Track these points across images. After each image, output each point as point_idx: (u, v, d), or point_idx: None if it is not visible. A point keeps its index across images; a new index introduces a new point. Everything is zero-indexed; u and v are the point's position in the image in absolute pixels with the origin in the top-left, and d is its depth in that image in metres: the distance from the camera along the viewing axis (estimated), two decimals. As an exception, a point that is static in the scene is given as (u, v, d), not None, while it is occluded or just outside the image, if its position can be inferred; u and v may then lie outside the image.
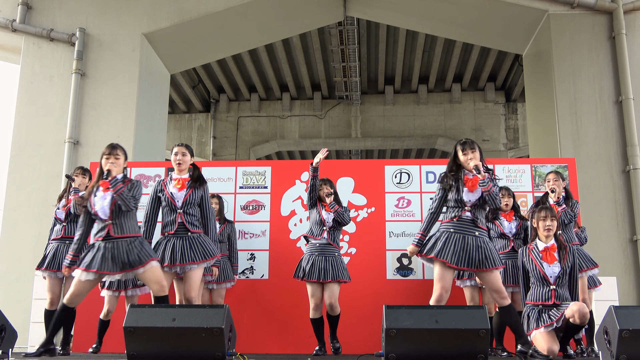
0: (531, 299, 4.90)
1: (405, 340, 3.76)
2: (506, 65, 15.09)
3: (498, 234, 5.80)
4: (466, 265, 4.45)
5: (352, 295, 6.31)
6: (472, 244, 4.47)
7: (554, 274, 4.85)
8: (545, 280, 4.84)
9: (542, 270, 4.85)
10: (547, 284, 4.84)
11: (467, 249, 4.45)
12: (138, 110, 9.68)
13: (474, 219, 4.54)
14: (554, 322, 4.66)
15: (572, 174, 6.77)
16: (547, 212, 4.99)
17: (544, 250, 4.93)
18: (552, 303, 4.78)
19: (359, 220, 6.71)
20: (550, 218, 4.96)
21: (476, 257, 4.45)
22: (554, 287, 4.81)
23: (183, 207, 5.03)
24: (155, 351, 3.85)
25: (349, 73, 14.46)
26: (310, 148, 17.25)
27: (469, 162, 4.59)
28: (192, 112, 17.11)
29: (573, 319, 4.56)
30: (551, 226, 4.95)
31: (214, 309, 3.93)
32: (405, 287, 6.50)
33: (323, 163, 5.99)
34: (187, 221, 5.02)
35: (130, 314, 3.93)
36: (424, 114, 16.29)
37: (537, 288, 4.88)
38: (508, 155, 15.67)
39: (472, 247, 4.46)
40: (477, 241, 4.49)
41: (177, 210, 5.02)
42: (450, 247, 4.45)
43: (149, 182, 6.98)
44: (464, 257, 4.43)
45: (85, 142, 9.50)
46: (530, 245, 5.06)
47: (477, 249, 4.47)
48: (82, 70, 9.72)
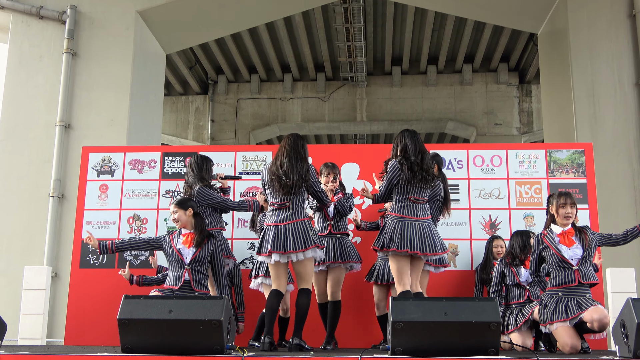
0: (553, 284, 4.90)
1: (413, 334, 3.77)
2: (520, 45, 15.00)
3: (513, 283, 5.63)
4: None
5: (357, 286, 6.32)
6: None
7: (575, 256, 4.85)
8: (565, 262, 4.85)
9: (560, 254, 4.86)
10: (569, 266, 4.84)
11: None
12: (132, 92, 9.66)
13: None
14: (567, 320, 4.68)
15: (589, 160, 6.75)
16: (567, 198, 4.99)
17: (561, 234, 4.93)
18: (576, 284, 4.80)
19: (364, 208, 6.70)
20: (570, 205, 4.96)
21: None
22: (576, 268, 4.82)
23: (191, 264, 5.09)
24: (151, 344, 3.86)
25: (354, 53, 14.39)
26: (314, 132, 17.22)
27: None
28: (189, 94, 17.08)
29: (590, 325, 4.60)
30: (570, 213, 4.96)
31: (213, 300, 3.94)
32: (412, 278, 6.49)
33: (326, 148, 6.00)
34: (195, 279, 5.08)
35: (125, 306, 3.93)
36: (433, 97, 16.23)
37: (559, 272, 4.88)
38: (521, 140, 15.63)
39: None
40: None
41: (185, 267, 5.08)
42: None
43: (144, 167, 6.98)
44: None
45: (77, 125, 9.49)
46: (545, 231, 5.06)
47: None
48: (73, 49, 9.69)
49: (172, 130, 16.65)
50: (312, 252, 4.91)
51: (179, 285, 5.04)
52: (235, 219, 6.73)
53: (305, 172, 4.95)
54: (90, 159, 7.04)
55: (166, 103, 16.03)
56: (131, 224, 6.83)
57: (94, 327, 6.40)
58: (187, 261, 5.08)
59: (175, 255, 5.11)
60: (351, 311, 6.22)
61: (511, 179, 6.77)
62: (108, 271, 6.62)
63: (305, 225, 4.93)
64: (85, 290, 6.58)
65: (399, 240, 4.82)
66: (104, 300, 6.42)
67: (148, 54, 10.43)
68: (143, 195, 6.92)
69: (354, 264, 5.75)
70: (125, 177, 6.97)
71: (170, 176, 6.93)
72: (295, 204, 4.96)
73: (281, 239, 4.86)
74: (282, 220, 4.92)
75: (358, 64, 15.02)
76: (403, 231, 4.84)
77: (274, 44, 15.07)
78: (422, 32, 14.49)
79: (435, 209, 5.62)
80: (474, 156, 6.84)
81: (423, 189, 4.97)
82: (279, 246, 4.85)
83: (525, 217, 6.67)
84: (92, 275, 6.64)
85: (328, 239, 5.70)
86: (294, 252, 4.84)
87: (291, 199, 4.95)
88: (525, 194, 6.72)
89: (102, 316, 6.31)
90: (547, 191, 6.62)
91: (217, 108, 16.83)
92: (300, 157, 5.00)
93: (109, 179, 6.98)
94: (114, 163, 7.03)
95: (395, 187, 4.97)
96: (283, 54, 15.64)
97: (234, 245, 6.61)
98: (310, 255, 4.90)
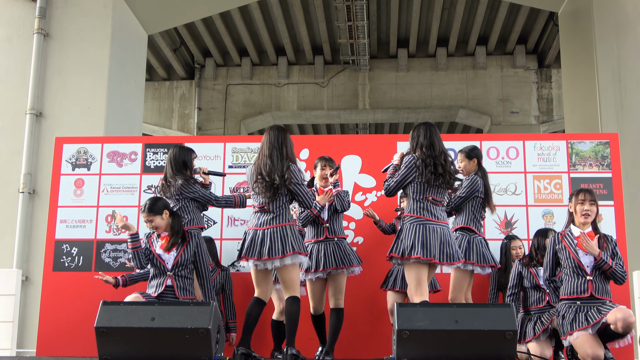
0: (565, 292, 4.96)
1: (420, 343, 3.78)
2: (539, 25, 14.99)
3: (532, 285, 5.62)
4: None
5: (359, 291, 6.33)
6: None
7: (590, 263, 4.90)
8: (580, 269, 4.90)
9: (577, 258, 4.91)
10: (583, 274, 4.89)
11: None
12: (111, 77, 9.64)
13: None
14: (589, 327, 4.71)
15: (615, 152, 6.76)
16: (586, 194, 5.04)
17: (579, 236, 4.96)
18: (588, 295, 4.83)
19: (367, 205, 6.71)
20: (590, 202, 5.01)
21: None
22: (590, 278, 4.87)
23: (174, 269, 5.11)
24: (131, 355, 3.87)
25: (355, 34, 14.38)
26: (311, 121, 17.21)
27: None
28: (173, 80, 17.05)
29: (614, 327, 4.62)
30: (590, 211, 5.00)
31: (199, 307, 3.95)
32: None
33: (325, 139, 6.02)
34: (178, 286, 5.09)
35: (103, 313, 3.94)
36: (443, 82, 16.23)
37: (572, 279, 4.94)
38: (540, 130, 15.64)
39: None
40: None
41: (167, 273, 5.10)
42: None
43: (124, 160, 6.97)
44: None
45: (49, 113, 9.48)
46: (564, 231, 5.11)
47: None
48: (45, 30, 9.66)
49: (154, 120, 16.63)
50: (292, 259, 4.92)
51: (158, 293, 5.04)
52: (225, 217, 6.73)
53: (285, 171, 4.96)
54: (64, 150, 7.02)
55: (148, 89, 16.01)
56: (109, 222, 6.82)
57: (68, 336, 6.40)
58: (169, 267, 5.07)
59: (156, 260, 5.12)
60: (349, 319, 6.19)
61: (529, 173, 6.78)
62: (84, 274, 6.62)
63: (286, 230, 4.95)
64: (59, 296, 6.57)
65: (421, 247, 4.72)
66: (80, 307, 6.41)
67: (128, 34, 10.40)
68: (123, 190, 6.91)
69: (355, 267, 5.76)
70: (102, 170, 6.97)
71: (153, 170, 6.92)
72: (276, 207, 4.99)
73: (257, 244, 4.93)
74: (261, 225, 4.99)
75: (360, 46, 15.01)
76: (425, 236, 4.77)
77: (267, 24, 15.04)
78: (431, 10, 14.47)
79: (477, 206, 5.65)
80: (488, 148, 6.84)
81: (444, 190, 4.96)
82: (254, 252, 4.92)
83: (544, 214, 6.68)
84: (66, 279, 6.64)
85: (325, 244, 5.71)
86: (270, 259, 4.88)
87: (272, 202, 4.98)
88: (544, 189, 6.73)
89: (78, 324, 6.30)
90: (568, 186, 6.63)
91: (205, 95, 16.81)
92: (282, 156, 5.02)
93: (85, 173, 6.97)
94: (91, 155, 7.01)
95: (410, 185, 4.93)
96: (277, 35, 15.61)
97: (223, 246, 6.61)
98: (289, 262, 4.91)
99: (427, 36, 15.82)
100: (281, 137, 5.08)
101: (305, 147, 6.89)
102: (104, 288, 5.97)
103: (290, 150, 5.08)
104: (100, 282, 5.98)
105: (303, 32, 15.19)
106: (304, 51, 16.22)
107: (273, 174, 4.93)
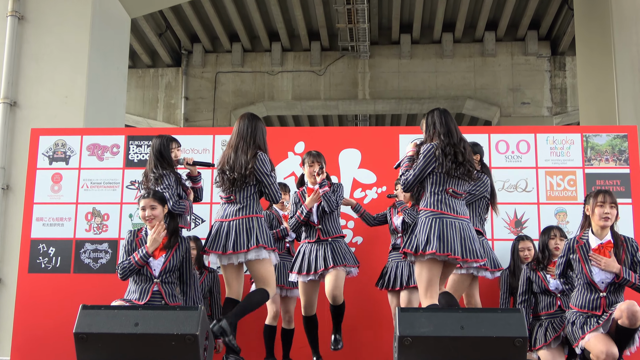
0: (577, 304, 4.96)
1: (423, 351, 3.79)
2: (552, 9, 15.00)
3: (541, 290, 5.63)
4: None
5: (357, 293, 6.34)
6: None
7: (606, 279, 4.87)
8: (592, 286, 4.90)
9: (590, 276, 4.89)
10: (596, 290, 4.89)
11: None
12: (91, 63, 9.62)
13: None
14: (599, 326, 4.73)
15: (633, 145, 6.77)
16: (606, 196, 4.96)
17: (597, 248, 4.93)
18: (601, 313, 4.83)
19: (366, 202, 6.72)
20: (610, 204, 4.94)
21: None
22: (604, 295, 4.87)
23: (161, 276, 5.09)
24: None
25: (355, 18, 14.37)
26: (307, 112, 17.21)
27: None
28: (158, 67, 17.04)
29: (621, 320, 4.63)
30: (610, 214, 4.94)
31: (186, 312, 3.95)
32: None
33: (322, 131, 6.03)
34: (165, 292, 5.08)
35: (82, 317, 3.94)
36: (449, 70, 16.23)
37: (584, 293, 4.93)
38: (553, 122, 15.66)
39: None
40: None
41: (154, 280, 5.07)
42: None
43: (105, 153, 6.97)
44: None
45: (25, 103, 9.45)
46: (580, 238, 5.04)
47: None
48: (20, 12, 9.64)
49: (138, 110, 16.62)
50: (256, 253, 4.92)
51: (145, 300, 5.01)
52: (213, 216, 6.73)
53: (251, 160, 4.97)
54: (40, 143, 7.02)
55: (131, 77, 15.99)
56: (89, 220, 6.83)
57: (45, 343, 6.41)
58: (157, 273, 5.06)
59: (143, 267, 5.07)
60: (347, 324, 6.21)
61: (541, 168, 6.79)
62: (62, 276, 6.63)
63: (252, 223, 4.98)
64: (35, 299, 6.58)
65: (437, 242, 4.55)
66: (57, 311, 6.42)
67: (109, 18, 10.38)
68: (104, 186, 6.92)
69: (352, 268, 5.77)
70: (82, 164, 6.97)
71: (136, 164, 6.93)
72: (243, 197, 5.02)
73: (222, 237, 4.95)
74: (227, 216, 5.03)
75: (360, 31, 15.00)
76: (442, 231, 4.59)
77: (260, 7, 15.03)
78: (436, -7, 14.49)
79: (482, 206, 5.66)
80: (497, 141, 6.86)
81: (463, 181, 4.81)
82: (218, 246, 4.94)
83: (557, 213, 6.70)
84: (43, 281, 6.64)
85: (317, 246, 5.75)
86: (235, 253, 4.91)
87: (239, 192, 5.02)
88: (557, 186, 6.75)
89: (56, 330, 6.31)
90: (583, 183, 6.65)
91: (192, 83, 16.79)
92: (249, 146, 5.04)
93: (63, 167, 6.97)
94: (69, 148, 7.02)
95: (429, 176, 4.78)
96: (271, 19, 15.60)
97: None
98: (254, 256, 4.93)
99: (432, 21, 15.82)
100: (251, 126, 5.11)
101: (301, 140, 6.90)
102: (85, 291, 5.98)
103: (260, 139, 5.12)
104: (80, 285, 5.98)
105: (298, 16, 15.17)
106: (300, 36, 16.21)
107: (235, 169, 4.97)
